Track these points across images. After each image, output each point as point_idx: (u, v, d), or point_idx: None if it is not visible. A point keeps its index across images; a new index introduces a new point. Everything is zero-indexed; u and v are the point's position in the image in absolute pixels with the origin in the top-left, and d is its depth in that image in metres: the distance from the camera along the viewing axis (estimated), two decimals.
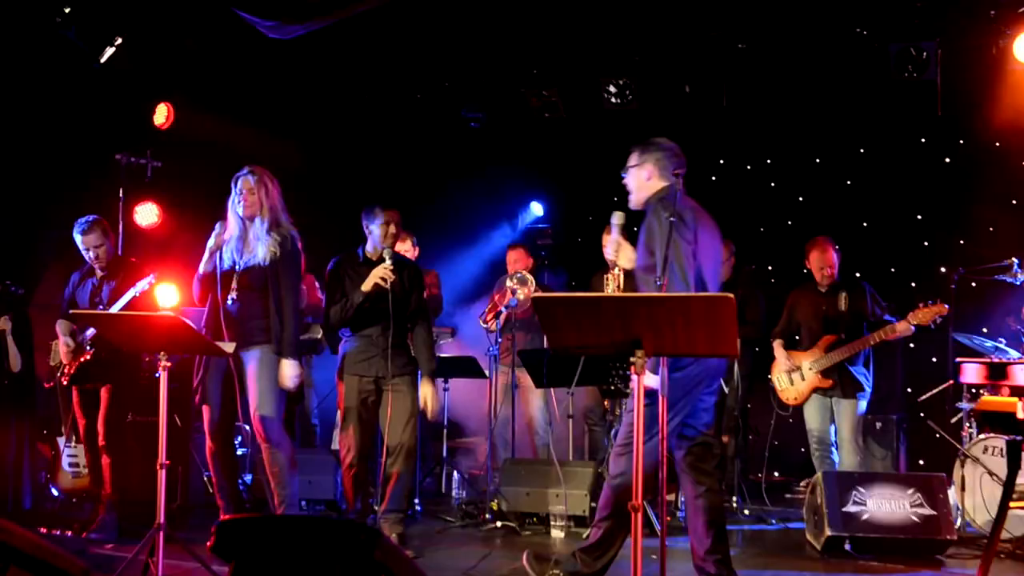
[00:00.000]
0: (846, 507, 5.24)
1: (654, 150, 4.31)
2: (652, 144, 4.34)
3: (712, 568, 4.09)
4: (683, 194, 4.22)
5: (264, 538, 2.60)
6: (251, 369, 4.88)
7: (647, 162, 4.30)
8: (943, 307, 5.84)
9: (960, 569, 5.04)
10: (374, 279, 5.02)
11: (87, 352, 5.56)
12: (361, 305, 5.07)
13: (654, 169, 4.28)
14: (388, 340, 5.10)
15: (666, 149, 4.32)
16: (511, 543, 5.59)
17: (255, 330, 4.90)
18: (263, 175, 5.00)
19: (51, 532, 5.44)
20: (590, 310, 3.21)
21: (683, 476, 4.22)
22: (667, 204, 4.09)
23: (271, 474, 4.94)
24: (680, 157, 4.33)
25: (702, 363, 4.09)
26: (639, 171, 4.32)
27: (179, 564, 4.58)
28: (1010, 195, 7.34)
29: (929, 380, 6.83)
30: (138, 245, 7.34)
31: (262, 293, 4.92)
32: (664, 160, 4.28)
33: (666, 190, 4.24)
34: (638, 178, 4.32)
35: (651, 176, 4.29)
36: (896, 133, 7.65)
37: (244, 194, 4.93)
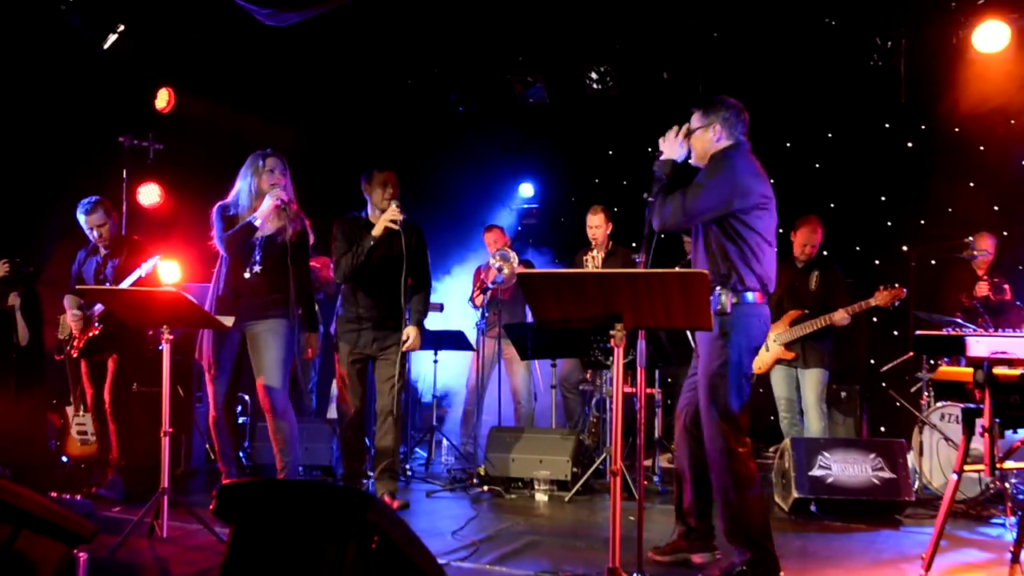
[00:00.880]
0: (812, 471, 5.28)
1: (720, 109, 3.95)
2: (717, 103, 3.97)
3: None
4: (752, 157, 3.97)
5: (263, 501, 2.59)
6: (263, 340, 4.85)
7: (714, 122, 3.95)
8: (901, 291, 5.89)
9: (917, 528, 5.09)
10: (384, 222, 4.94)
11: (95, 327, 5.55)
12: (368, 259, 4.98)
13: (722, 129, 3.95)
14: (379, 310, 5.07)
15: (732, 107, 3.97)
16: (497, 506, 5.61)
17: (271, 303, 4.88)
18: (285, 159, 4.99)
19: (60, 496, 5.42)
20: (572, 285, 3.21)
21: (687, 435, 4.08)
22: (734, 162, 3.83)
23: (274, 442, 4.94)
24: (745, 114, 4.00)
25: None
26: (706, 132, 3.97)
27: (183, 526, 4.58)
28: (968, 178, 7.36)
29: (890, 352, 6.87)
30: (141, 224, 7.31)
31: (281, 268, 4.89)
32: (732, 118, 3.95)
33: (735, 147, 3.94)
34: (705, 139, 3.97)
35: (720, 137, 3.95)
36: (862, 119, 7.65)
37: (276, 175, 4.90)
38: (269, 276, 4.89)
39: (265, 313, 4.87)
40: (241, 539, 2.55)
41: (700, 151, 4.00)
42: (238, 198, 4.95)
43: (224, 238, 4.84)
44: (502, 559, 4.28)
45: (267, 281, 4.89)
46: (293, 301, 4.90)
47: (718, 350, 3.82)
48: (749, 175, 3.86)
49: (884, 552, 4.60)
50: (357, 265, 4.97)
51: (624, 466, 3.31)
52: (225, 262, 4.91)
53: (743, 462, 3.81)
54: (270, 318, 4.87)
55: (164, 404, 4.53)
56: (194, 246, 7.33)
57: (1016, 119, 7.18)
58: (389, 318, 5.08)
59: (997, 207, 7.17)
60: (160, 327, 4.49)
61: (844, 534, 4.96)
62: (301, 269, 4.98)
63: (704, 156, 4.00)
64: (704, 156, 4.00)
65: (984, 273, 6.34)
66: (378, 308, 5.07)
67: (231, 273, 4.89)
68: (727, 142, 3.96)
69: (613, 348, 3.20)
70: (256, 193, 4.89)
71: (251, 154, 4.99)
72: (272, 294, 4.90)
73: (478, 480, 6.05)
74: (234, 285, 4.87)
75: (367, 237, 4.98)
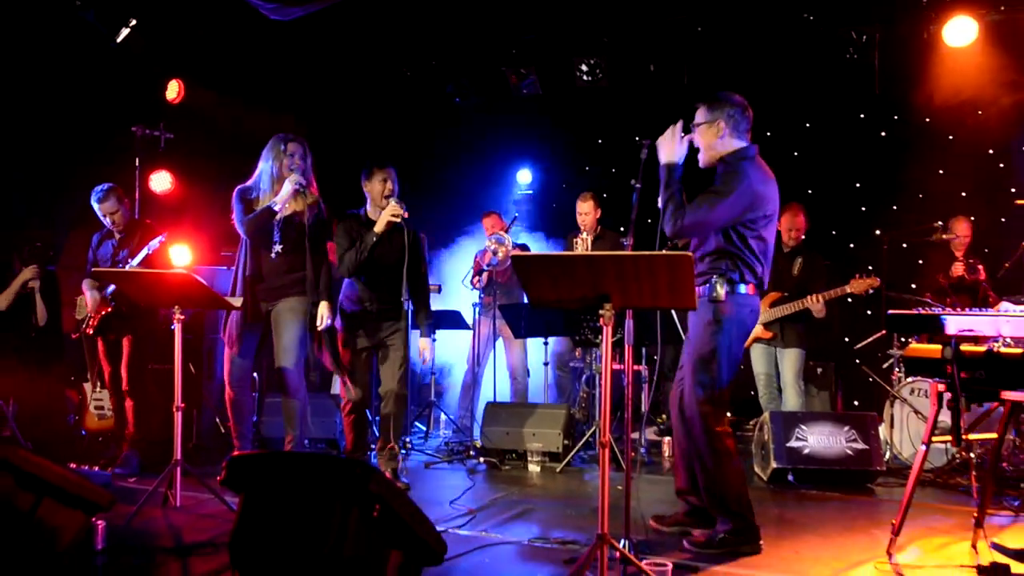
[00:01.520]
0: (789, 442, 5.31)
1: (725, 105, 3.80)
2: (722, 99, 3.82)
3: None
4: (764, 164, 3.85)
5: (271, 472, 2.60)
6: (283, 319, 4.85)
7: (719, 119, 3.80)
8: (875, 280, 5.91)
9: (888, 496, 5.13)
10: (386, 218, 4.88)
11: (109, 306, 5.54)
12: (370, 255, 4.94)
13: (726, 127, 3.81)
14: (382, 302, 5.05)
15: (737, 104, 3.82)
16: (492, 477, 5.63)
17: (292, 282, 4.87)
18: (306, 144, 4.95)
19: (79, 467, 5.43)
20: (563, 268, 3.20)
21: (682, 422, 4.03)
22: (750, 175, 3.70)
23: (285, 417, 4.95)
24: (750, 111, 3.85)
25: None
26: (710, 128, 3.83)
27: (195, 496, 4.60)
28: (938, 166, 7.36)
29: (863, 330, 6.90)
30: (153, 209, 7.29)
31: (300, 249, 4.87)
32: (737, 116, 3.81)
33: (746, 152, 3.80)
34: (710, 135, 3.82)
35: (724, 135, 3.81)
36: (838, 109, 7.64)
37: (298, 159, 4.86)
38: (290, 257, 4.88)
39: (286, 292, 4.87)
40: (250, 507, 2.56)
41: (705, 147, 3.88)
42: (259, 181, 4.90)
43: (244, 221, 4.81)
44: (497, 526, 4.31)
45: (288, 261, 4.88)
46: (311, 280, 4.88)
47: (710, 336, 3.83)
48: (762, 185, 3.77)
49: (857, 518, 4.63)
50: (361, 261, 4.93)
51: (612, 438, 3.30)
52: (247, 245, 4.87)
53: (723, 440, 3.83)
54: (291, 296, 4.87)
55: (176, 381, 4.53)
56: (204, 230, 7.33)
57: (984, 110, 7.17)
58: (391, 309, 5.04)
59: (965, 193, 7.18)
60: (172, 308, 4.50)
61: (819, 502, 4.99)
62: (320, 249, 4.95)
63: (710, 152, 3.87)
64: (710, 152, 3.87)
65: (961, 254, 6.36)
66: (381, 301, 5.03)
67: (255, 255, 4.86)
68: (735, 142, 3.84)
69: (602, 327, 3.21)
70: (277, 176, 4.84)
71: (273, 137, 4.94)
72: (292, 273, 4.89)
73: (474, 452, 6.07)
74: (258, 266, 4.86)
75: (370, 233, 4.92)
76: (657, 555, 3.71)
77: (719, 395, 3.82)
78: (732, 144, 3.85)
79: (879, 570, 3.65)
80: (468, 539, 4.02)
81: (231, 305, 4.71)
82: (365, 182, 5.07)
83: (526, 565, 3.68)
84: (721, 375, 3.79)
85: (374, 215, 5.03)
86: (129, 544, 3.82)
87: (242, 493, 2.59)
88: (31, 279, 5.90)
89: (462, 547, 3.85)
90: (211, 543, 3.83)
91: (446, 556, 2.74)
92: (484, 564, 3.69)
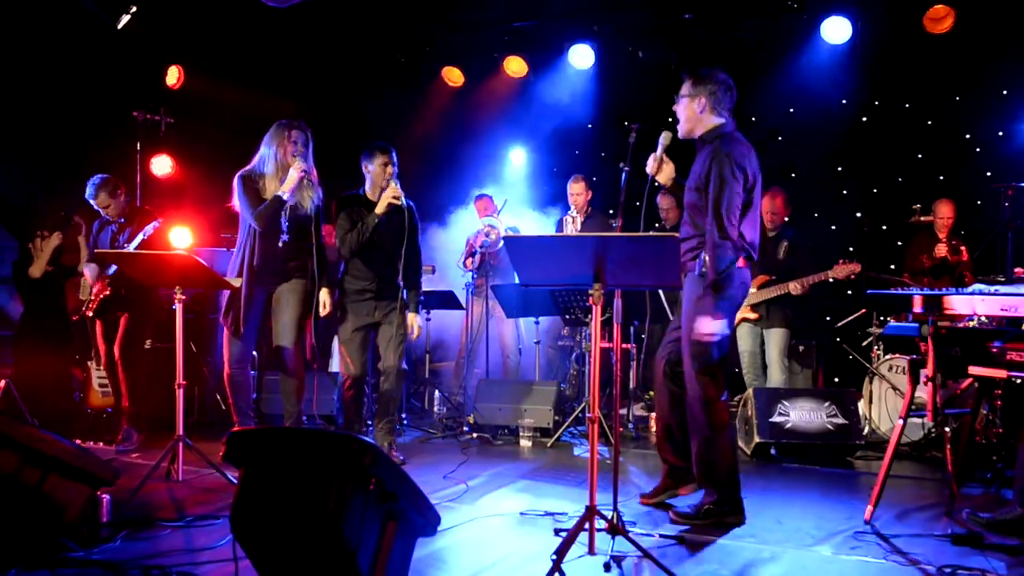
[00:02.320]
0: (772, 418, 5.33)
1: (708, 82, 3.80)
2: (707, 75, 3.82)
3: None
4: (742, 137, 3.83)
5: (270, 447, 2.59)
6: (284, 300, 4.84)
7: (701, 94, 3.80)
8: (857, 266, 5.90)
9: (867, 469, 5.16)
10: (387, 200, 4.85)
11: (107, 289, 5.51)
12: (370, 236, 4.90)
13: (707, 102, 3.80)
14: (380, 282, 5.02)
15: (721, 82, 3.81)
16: (485, 451, 5.64)
17: (295, 267, 4.85)
18: (309, 130, 4.89)
19: (85, 443, 5.42)
20: (553, 249, 3.19)
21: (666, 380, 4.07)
22: (729, 151, 3.69)
23: (284, 394, 4.94)
24: (733, 91, 3.85)
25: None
26: (692, 102, 3.83)
27: (196, 470, 4.60)
28: (916, 150, 7.35)
29: (844, 309, 6.91)
30: (154, 193, 7.25)
31: (304, 235, 4.84)
32: (719, 93, 3.80)
33: (722, 129, 3.81)
34: (690, 109, 3.83)
35: (704, 109, 3.81)
36: (820, 95, 7.61)
37: (299, 146, 4.80)
38: (294, 243, 4.85)
39: (289, 275, 4.86)
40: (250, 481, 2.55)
41: (685, 119, 3.88)
42: (261, 165, 4.82)
43: (256, 215, 4.72)
44: (490, 499, 4.32)
45: (292, 248, 4.85)
46: (313, 264, 4.86)
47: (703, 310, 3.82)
48: (741, 157, 3.74)
49: (837, 490, 4.65)
50: (363, 241, 4.90)
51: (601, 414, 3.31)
52: (252, 232, 4.80)
53: (719, 411, 3.83)
54: (293, 279, 4.86)
55: (178, 359, 4.52)
56: (204, 213, 7.29)
57: (960, 96, 7.16)
58: (389, 288, 5.02)
59: (942, 176, 7.18)
60: (173, 288, 4.48)
61: (801, 475, 5.02)
62: (320, 236, 4.94)
63: (688, 124, 3.88)
64: (688, 124, 3.88)
65: (944, 236, 6.35)
66: (380, 280, 5.00)
67: (263, 243, 4.80)
68: (713, 118, 3.83)
69: (591, 306, 3.20)
70: (280, 162, 4.77)
71: (276, 123, 4.86)
72: (296, 259, 4.87)
73: (468, 428, 6.08)
74: (266, 254, 4.81)
75: (371, 215, 4.88)
76: (645, 526, 3.73)
77: (714, 366, 3.80)
78: (711, 120, 3.84)
79: (858, 539, 3.67)
80: (461, 511, 4.03)
81: (231, 285, 4.69)
82: (366, 163, 5.00)
83: (518, 536, 3.70)
84: (713, 345, 3.77)
85: (373, 196, 4.99)
86: (133, 516, 3.82)
87: (242, 467, 2.58)
88: (58, 245, 5.93)
89: (456, 519, 3.86)
90: (213, 515, 3.84)
91: (440, 528, 2.74)
92: (477, 535, 3.71)
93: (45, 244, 6.00)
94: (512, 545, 3.55)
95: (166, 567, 3.16)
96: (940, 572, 3.24)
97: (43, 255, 5.98)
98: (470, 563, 3.31)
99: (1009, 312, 3.35)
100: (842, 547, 3.57)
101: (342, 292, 5.07)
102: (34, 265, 6.00)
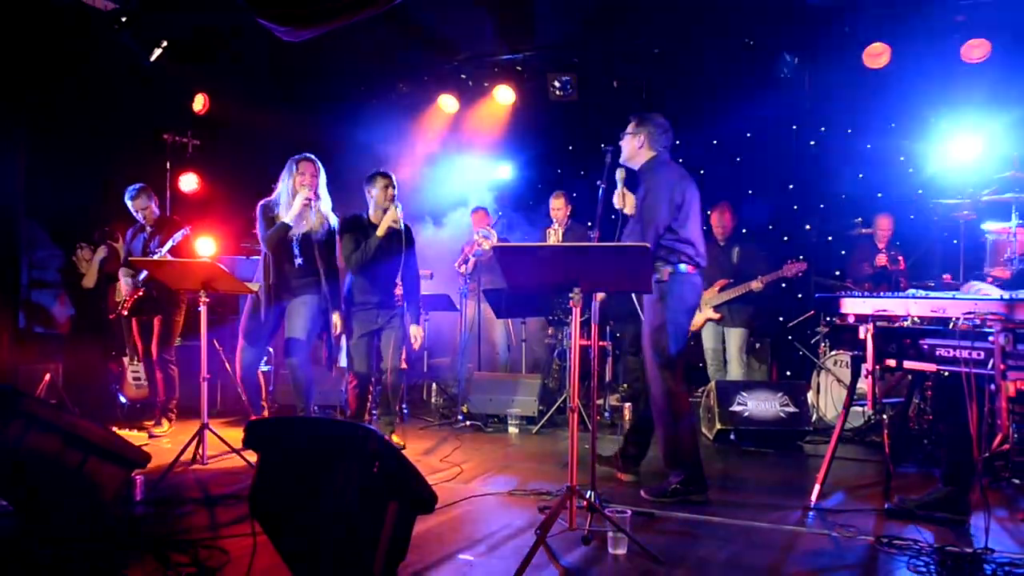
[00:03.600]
0: (732, 407, 5.35)
1: (649, 124, 4.03)
2: (648, 118, 4.06)
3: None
4: (673, 164, 4.03)
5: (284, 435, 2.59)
6: (295, 310, 4.83)
7: (641, 132, 4.02)
8: (803, 264, 5.98)
9: (815, 452, 5.18)
10: (387, 222, 4.85)
11: (140, 290, 5.50)
12: (374, 255, 4.90)
13: (646, 140, 4.01)
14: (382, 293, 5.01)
15: (659, 125, 4.03)
16: (477, 437, 5.64)
17: (306, 284, 4.85)
18: (317, 162, 4.89)
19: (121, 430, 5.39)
20: (538, 257, 3.20)
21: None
22: (659, 176, 3.91)
23: (295, 388, 4.93)
24: (669, 133, 4.06)
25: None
26: (634, 139, 4.04)
27: (219, 454, 4.58)
28: (858, 171, 7.40)
29: (796, 310, 6.94)
30: (182, 207, 7.23)
31: (314, 257, 4.84)
32: (656, 133, 4.01)
33: (655, 160, 4.01)
34: (632, 144, 4.05)
35: (643, 145, 4.02)
36: (774, 121, 7.65)
37: (308, 177, 4.81)
38: (306, 266, 4.86)
39: (301, 292, 4.86)
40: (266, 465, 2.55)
41: (627, 153, 4.08)
42: (279, 198, 4.87)
43: (265, 239, 4.79)
44: (481, 480, 4.32)
45: (305, 270, 4.86)
46: (322, 282, 4.85)
47: (659, 311, 3.91)
48: (674, 180, 3.93)
49: (788, 470, 4.68)
50: (366, 260, 4.91)
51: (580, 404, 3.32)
52: (270, 257, 4.83)
53: (680, 400, 3.87)
54: (305, 295, 4.86)
55: (202, 355, 4.51)
56: (226, 224, 7.26)
57: (895, 123, 7.22)
58: (389, 298, 5.01)
59: (880, 194, 7.23)
60: (198, 291, 4.47)
61: (757, 457, 5.05)
62: (329, 257, 4.93)
63: (631, 158, 4.07)
64: (631, 158, 4.07)
65: (883, 246, 6.40)
66: (382, 292, 5.00)
67: (277, 265, 4.83)
68: (649, 152, 4.03)
69: (572, 308, 3.21)
70: (293, 194, 4.81)
71: (289, 159, 4.88)
72: (307, 277, 4.87)
73: (462, 416, 6.07)
74: (281, 273, 4.83)
75: (373, 237, 4.89)
76: (619, 503, 3.74)
77: (672, 359, 3.88)
78: (648, 154, 4.03)
79: (807, 513, 3.69)
80: (456, 491, 4.03)
81: (249, 289, 4.71)
82: (369, 188, 5.01)
83: (506, 513, 3.70)
84: (670, 342, 3.87)
85: (376, 218, 5.00)
86: (164, 496, 3.81)
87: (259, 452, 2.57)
88: (104, 257, 5.93)
89: (451, 498, 3.86)
90: (234, 495, 3.83)
91: (437, 506, 2.74)
92: (470, 512, 3.70)
93: (94, 256, 6.02)
94: (501, 521, 3.55)
95: (193, 540, 3.14)
96: (878, 541, 3.26)
97: (92, 267, 6.00)
98: (464, 537, 3.32)
99: (938, 313, 3.38)
100: (793, 520, 3.59)
101: (349, 303, 5.06)
102: (86, 277, 6.03)
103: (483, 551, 3.14)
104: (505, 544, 3.24)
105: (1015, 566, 2.94)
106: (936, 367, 3.43)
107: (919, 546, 3.17)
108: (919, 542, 3.21)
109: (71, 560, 2.97)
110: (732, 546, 3.23)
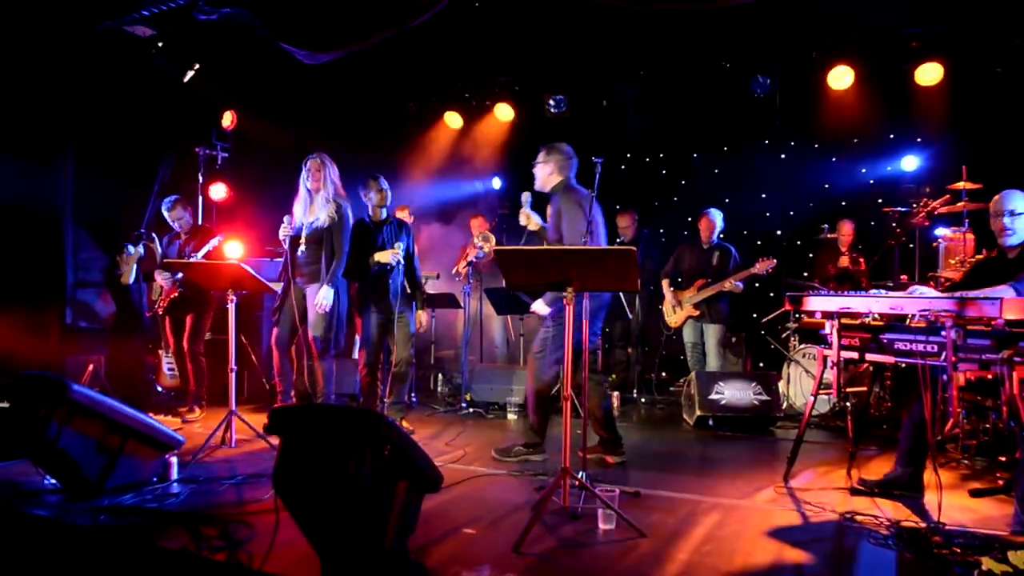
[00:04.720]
0: (710, 395, 5.35)
1: (556, 153, 4.20)
2: (555, 148, 4.23)
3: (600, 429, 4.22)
4: (578, 186, 4.17)
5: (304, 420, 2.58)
6: (310, 300, 4.80)
7: (550, 161, 4.20)
8: (772, 261, 5.96)
9: (785, 436, 5.18)
10: (385, 258, 4.86)
11: (177, 290, 5.50)
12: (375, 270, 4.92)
13: (555, 167, 4.19)
14: (394, 287, 5.00)
15: (564, 153, 4.21)
16: (479, 423, 5.63)
17: (315, 272, 4.82)
18: (325, 158, 4.85)
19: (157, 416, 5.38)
20: (534, 259, 3.19)
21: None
22: (568, 197, 4.05)
23: (314, 377, 4.90)
24: (573, 159, 4.23)
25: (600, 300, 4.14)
26: (544, 166, 4.22)
27: (245, 438, 4.57)
28: (823, 181, 7.41)
29: (768, 308, 6.93)
30: (213, 214, 7.21)
31: (320, 246, 4.80)
32: (563, 161, 4.19)
33: (563, 184, 4.16)
34: (543, 171, 4.23)
35: (552, 172, 4.20)
36: (748, 137, 7.65)
37: (312, 172, 4.79)
38: (311, 252, 4.81)
39: (313, 279, 4.83)
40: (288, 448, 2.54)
41: (539, 179, 4.24)
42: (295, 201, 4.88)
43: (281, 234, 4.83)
44: (483, 462, 4.31)
45: (309, 256, 4.82)
46: (324, 269, 4.82)
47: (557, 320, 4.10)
48: (583, 200, 4.02)
49: (761, 453, 4.67)
50: (365, 272, 4.92)
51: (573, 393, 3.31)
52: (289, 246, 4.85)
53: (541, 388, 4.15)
54: (314, 282, 4.82)
55: (230, 348, 4.50)
56: (253, 230, 7.25)
57: (858, 138, 7.22)
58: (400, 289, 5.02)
59: (844, 202, 7.23)
60: (227, 291, 4.46)
61: (733, 441, 5.04)
62: (337, 246, 4.82)
63: (543, 182, 4.23)
64: (543, 182, 4.23)
65: (846, 250, 6.39)
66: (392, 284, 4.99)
67: (291, 253, 4.83)
68: (558, 177, 4.18)
69: (565, 305, 3.20)
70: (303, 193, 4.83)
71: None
72: (313, 264, 4.83)
73: (465, 404, 6.07)
74: (293, 260, 4.83)
75: (372, 261, 4.87)
76: (608, 483, 3.74)
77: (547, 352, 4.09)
78: (556, 179, 4.20)
79: (778, 492, 3.69)
80: (460, 471, 4.03)
81: (271, 289, 4.69)
82: (365, 192, 4.99)
83: (506, 492, 3.69)
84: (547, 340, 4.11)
85: (375, 215, 5.01)
86: (196, 475, 3.80)
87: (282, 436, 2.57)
88: (141, 257, 5.93)
89: (456, 478, 3.85)
90: (259, 475, 3.82)
91: (443, 485, 2.73)
92: (472, 491, 3.70)
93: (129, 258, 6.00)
94: (501, 499, 3.54)
95: (222, 516, 3.14)
96: (842, 517, 3.26)
97: (130, 265, 5.97)
98: (467, 513, 3.31)
99: (896, 311, 3.38)
100: (765, 498, 3.59)
101: (361, 299, 5.05)
102: (124, 275, 5.99)
103: (485, 526, 3.14)
104: (505, 520, 3.23)
105: (964, 537, 2.94)
106: (894, 359, 3.43)
107: (879, 521, 3.17)
108: (879, 517, 3.22)
109: (112, 533, 2.97)
110: (709, 521, 3.23)
